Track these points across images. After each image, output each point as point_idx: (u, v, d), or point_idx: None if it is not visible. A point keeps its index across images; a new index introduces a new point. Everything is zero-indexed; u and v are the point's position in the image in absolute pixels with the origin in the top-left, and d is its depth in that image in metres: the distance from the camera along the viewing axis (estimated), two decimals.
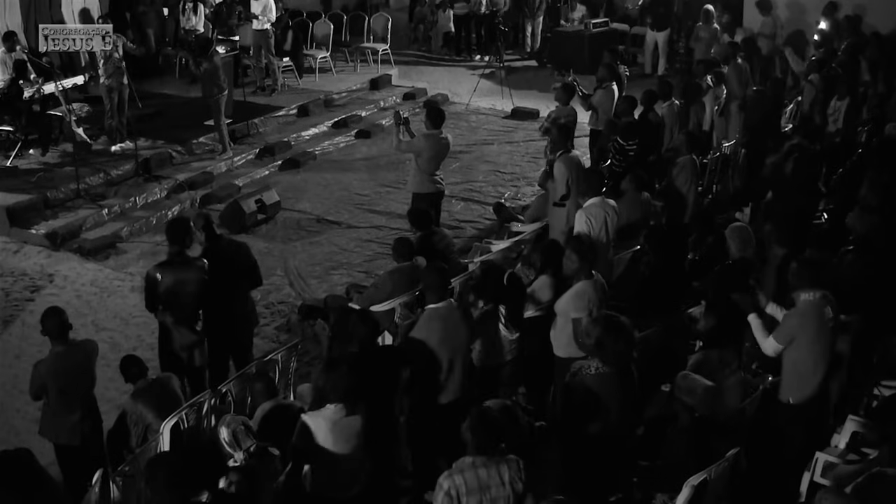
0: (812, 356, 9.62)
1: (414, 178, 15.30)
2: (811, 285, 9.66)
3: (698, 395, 8.88)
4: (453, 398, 9.71)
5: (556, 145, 14.74)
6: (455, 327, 9.77)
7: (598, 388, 8.72)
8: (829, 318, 9.63)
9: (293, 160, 21.14)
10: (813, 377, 9.68)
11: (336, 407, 8.43)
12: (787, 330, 9.69)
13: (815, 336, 9.57)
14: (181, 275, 11.19)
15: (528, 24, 29.86)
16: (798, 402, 9.76)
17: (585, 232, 12.20)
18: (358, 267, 16.31)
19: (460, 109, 25.07)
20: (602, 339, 8.77)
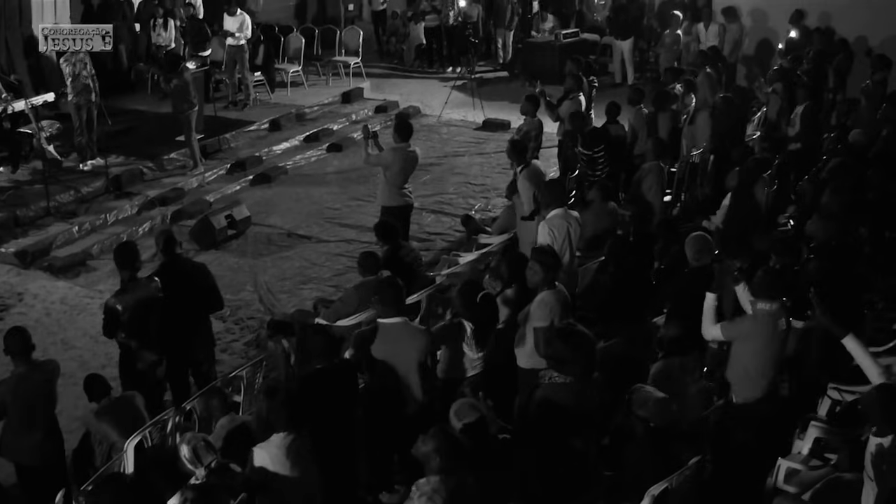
0: (761, 361, 9.75)
1: (383, 191, 15.31)
2: (770, 296, 9.74)
3: (650, 407, 8.89)
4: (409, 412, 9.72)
5: (515, 160, 14.80)
6: (408, 343, 9.79)
7: (559, 399, 8.76)
8: (782, 330, 9.74)
9: (264, 175, 21.15)
10: (761, 379, 9.80)
11: (283, 434, 8.44)
12: (735, 331, 9.85)
13: (766, 344, 9.70)
14: (139, 297, 11.20)
15: (500, 36, 29.90)
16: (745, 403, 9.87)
17: (549, 243, 12.25)
18: (328, 281, 16.32)
19: (432, 122, 25.15)
20: (562, 349, 8.81)
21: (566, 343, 8.79)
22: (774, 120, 19.09)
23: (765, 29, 24.62)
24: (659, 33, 27.31)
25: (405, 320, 9.92)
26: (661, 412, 8.89)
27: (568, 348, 8.75)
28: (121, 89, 24.83)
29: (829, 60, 21.00)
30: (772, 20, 24.45)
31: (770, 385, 9.85)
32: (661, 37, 25.71)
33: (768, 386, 9.83)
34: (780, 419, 10.16)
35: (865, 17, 22.75)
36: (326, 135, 23.64)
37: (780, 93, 19.14)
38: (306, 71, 26.74)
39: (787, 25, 23.60)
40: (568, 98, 18.34)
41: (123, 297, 11.17)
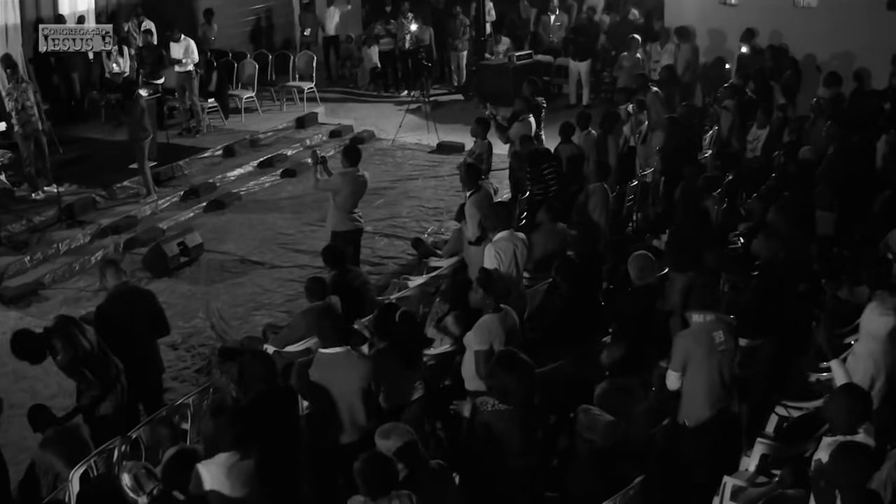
0: (702, 378, 9.78)
1: (332, 216, 15.32)
2: (704, 307, 9.81)
3: (598, 430, 8.94)
4: (352, 439, 9.70)
5: (467, 185, 14.83)
6: (350, 372, 9.76)
7: (496, 424, 8.77)
8: (719, 342, 9.76)
9: (218, 201, 21.11)
10: (705, 400, 9.84)
11: (229, 453, 8.41)
12: (678, 354, 9.87)
13: (704, 358, 9.72)
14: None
15: (454, 59, 29.97)
16: (694, 425, 9.90)
17: (495, 266, 12.29)
18: (280, 307, 16.29)
19: (387, 145, 25.18)
20: (496, 375, 8.83)
21: (509, 373, 8.78)
22: (726, 137, 19.20)
23: (720, 48, 24.74)
24: (613, 55, 27.46)
25: (347, 349, 9.88)
26: (607, 434, 8.93)
27: (511, 378, 8.75)
28: (74, 117, 24.76)
29: (777, 78, 21.11)
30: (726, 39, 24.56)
31: (717, 403, 9.87)
32: (619, 59, 25.75)
33: (716, 403, 9.86)
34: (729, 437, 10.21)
35: (815, 35, 22.90)
36: (280, 160, 23.59)
37: (731, 110, 19.24)
38: (260, 96, 26.74)
39: (740, 44, 23.72)
40: (518, 120, 18.39)
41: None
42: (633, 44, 25.11)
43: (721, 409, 9.90)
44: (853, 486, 7.24)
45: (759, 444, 9.93)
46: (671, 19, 25.74)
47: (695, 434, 9.93)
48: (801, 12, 23.67)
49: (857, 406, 8.08)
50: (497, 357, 9.18)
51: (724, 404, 9.92)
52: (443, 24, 30.34)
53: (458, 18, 29.35)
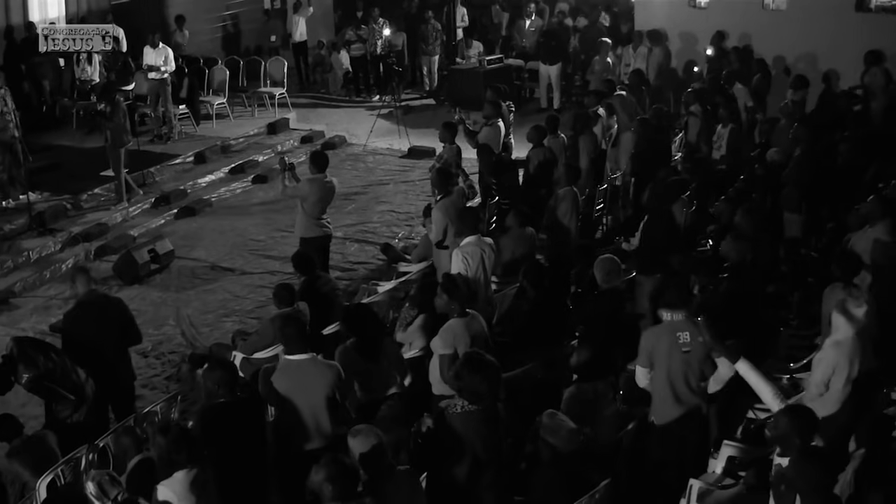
0: (664, 376, 9.82)
1: (300, 222, 15.33)
2: (674, 306, 9.86)
3: (562, 436, 8.97)
4: (318, 446, 9.69)
5: (438, 189, 14.88)
6: (315, 380, 9.75)
7: (461, 427, 8.76)
8: (683, 342, 9.78)
9: (189, 208, 21.10)
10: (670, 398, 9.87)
11: (185, 470, 8.36)
12: (643, 350, 9.94)
13: (666, 356, 9.77)
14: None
15: (425, 63, 30.00)
16: (661, 424, 9.96)
17: (462, 271, 12.33)
18: (250, 313, 16.31)
19: (358, 150, 25.15)
20: (463, 377, 8.84)
21: (478, 374, 8.79)
22: (695, 141, 19.24)
23: (691, 51, 24.83)
24: (583, 59, 27.52)
25: (312, 356, 9.85)
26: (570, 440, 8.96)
27: (480, 379, 8.76)
28: (45, 125, 24.62)
29: (746, 80, 21.18)
30: (696, 42, 24.64)
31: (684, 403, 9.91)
32: (591, 63, 25.79)
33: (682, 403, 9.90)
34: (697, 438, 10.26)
35: (784, 37, 23.01)
36: (252, 166, 23.55)
37: (698, 114, 19.30)
38: (232, 103, 26.69)
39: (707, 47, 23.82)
40: (487, 125, 18.42)
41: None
42: (604, 47, 25.18)
43: (689, 409, 9.94)
44: (814, 492, 7.28)
45: (726, 447, 9.95)
46: (641, 23, 25.79)
47: (661, 432, 9.98)
48: (771, 15, 23.78)
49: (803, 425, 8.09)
50: (464, 359, 9.17)
51: (693, 405, 9.95)
52: (415, 29, 30.39)
53: (430, 23, 29.39)
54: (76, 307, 11.92)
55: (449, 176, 15.41)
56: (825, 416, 9.87)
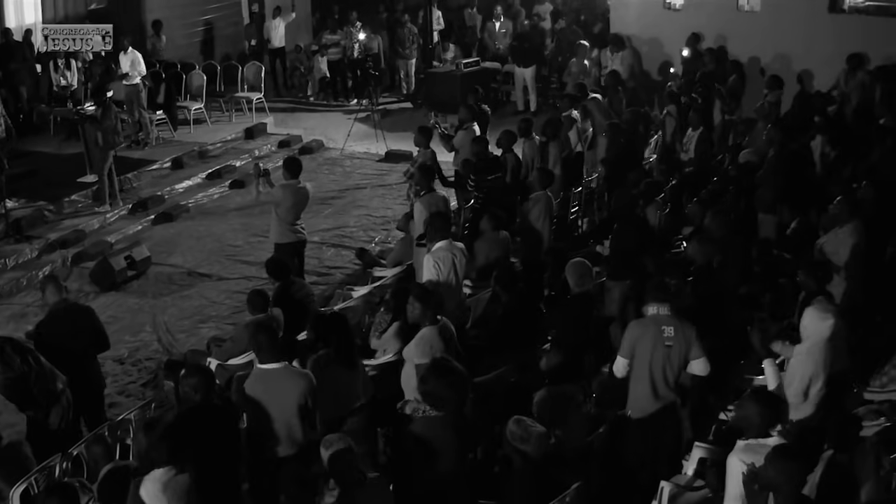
0: (646, 369, 9.92)
1: (274, 228, 15.40)
2: (659, 299, 9.96)
3: (531, 442, 9.02)
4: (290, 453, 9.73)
5: (421, 186, 14.96)
6: (287, 387, 9.76)
7: (426, 432, 8.81)
8: (668, 336, 9.88)
9: (166, 214, 21.09)
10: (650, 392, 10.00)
11: (164, 469, 8.40)
12: (627, 341, 10.04)
13: (650, 349, 9.90)
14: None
15: (402, 67, 30.04)
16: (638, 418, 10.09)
17: (434, 276, 12.38)
18: (226, 319, 16.32)
19: (335, 155, 25.17)
20: (428, 382, 8.89)
21: (442, 379, 8.84)
22: (670, 142, 19.33)
23: (666, 53, 24.91)
24: (560, 61, 27.59)
25: (285, 365, 9.86)
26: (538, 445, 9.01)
27: (444, 384, 8.81)
28: (22, 131, 24.49)
29: (721, 81, 21.28)
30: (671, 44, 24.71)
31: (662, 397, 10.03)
32: (568, 65, 25.84)
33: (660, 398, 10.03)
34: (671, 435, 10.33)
35: (758, 38, 23.14)
36: (229, 171, 23.55)
37: (674, 115, 19.38)
38: (209, 108, 26.67)
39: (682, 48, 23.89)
40: (462, 128, 18.46)
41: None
42: (581, 50, 25.23)
43: (665, 404, 10.03)
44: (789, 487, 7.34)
45: (697, 448, 10.01)
46: (617, 25, 25.84)
47: (638, 426, 10.08)
48: (745, 16, 23.87)
49: (767, 410, 8.22)
50: (430, 364, 9.24)
51: (669, 400, 10.04)
52: (392, 33, 30.45)
53: (407, 27, 29.49)
54: (47, 316, 12.00)
55: (431, 172, 15.49)
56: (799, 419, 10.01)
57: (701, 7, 24.21)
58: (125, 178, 21.94)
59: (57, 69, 24.93)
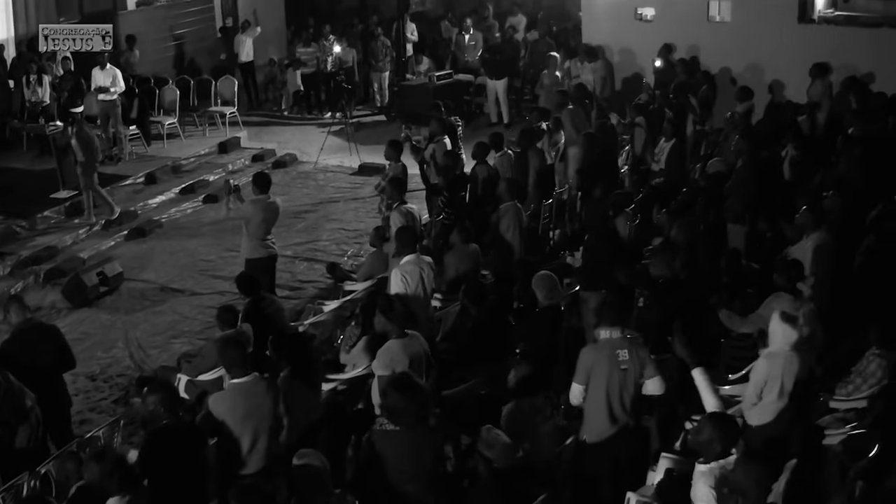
0: (602, 394, 9.89)
1: (246, 244, 15.44)
2: (611, 324, 9.95)
3: (497, 450, 9.07)
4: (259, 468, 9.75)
5: (392, 199, 15.01)
6: (259, 401, 9.79)
7: (383, 446, 8.86)
8: (622, 360, 9.87)
9: (139, 229, 21.05)
10: (606, 416, 9.95)
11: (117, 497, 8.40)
12: (581, 367, 9.97)
13: (606, 374, 9.85)
14: None
15: (376, 80, 30.06)
16: (594, 442, 10.04)
17: (402, 290, 12.43)
18: (199, 334, 16.31)
19: (309, 168, 25.19)
20: (389, 395, 8.93)
21: (400, 393, 8.88)
22: (640, 153, 19.39)
23: (638, 64, 25.00)
24: (532, 73, 27.63)
25: (254, 378, 9.90)
26: (505, 455, 9.05)
27: (401, 398, 8.84)
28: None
29: (693, 91, 21.37)
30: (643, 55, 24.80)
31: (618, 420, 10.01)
32: (540, 77, 25.89)
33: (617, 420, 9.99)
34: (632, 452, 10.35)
35: (729, 48, 23.26)
36: (202, 186, 23.53)
37: (643, 126, 19.44)
38: (183, 122, 26.63)
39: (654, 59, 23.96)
40: (433, 141, 18.50)
41: None
42: (552, 62, 25.27)
43: (623, 426, 10.03)
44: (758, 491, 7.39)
45: (664, 459, 10.04)
46: (589, 36, 25.89)
47: (596, 450, 10.06)
48: (716, 27, 24.00)
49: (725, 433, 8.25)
50: (390, 379, 9.29)
51: (626, 421, 10.05)
52: (366, 46, 30.48)
53: (380, 40, 29.51)
54: (11, 336, 12.01)
55: (402, 184, 15.57)
56: (759, 426, 10.04)
57: (672, 18, 24.28)
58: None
59: (28, 84, 24.87)
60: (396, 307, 11.11)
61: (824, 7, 23.48)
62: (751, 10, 23.30)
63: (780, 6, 22.97)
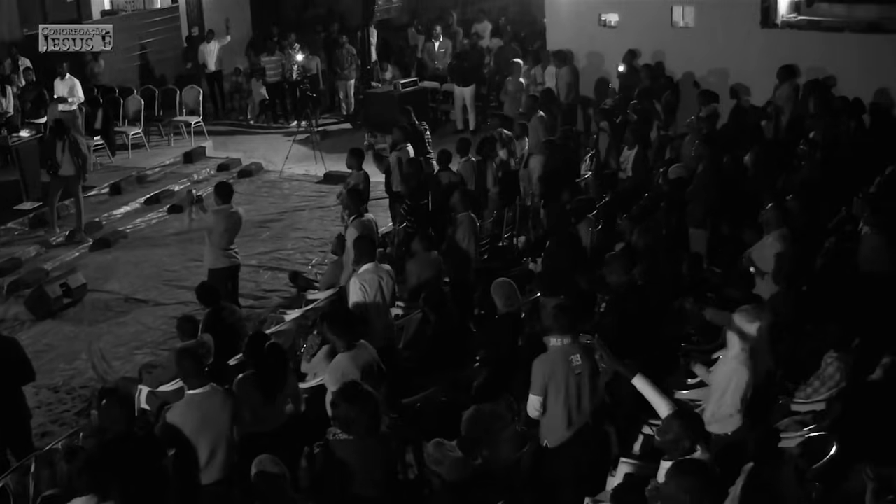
0: (560, 400, 9.90)
1: (208, 254, 15.45)
2: (561, 331, 9.96)
3: (447, 465, 9.07)
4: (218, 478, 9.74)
5: (350, 210, 15.00)
6: (216, 411, 9.80)
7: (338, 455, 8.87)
8: (576, 365, 9.90)
9: (104, 240, 20.99)
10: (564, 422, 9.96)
11: (85, 498, 8.38)
12: (537, 379, 9.96)
13: (562, 381, 9.86)
14: None
15: (342, 87, 30.08)
16: (555, 446, 10.05)
17: (360, 299, 12.42)
18: (162, 345, 16.24)
19: (274, 177, 25.16)
20: (338, 406, 8.94)
21: (350, 403, 8.88)
22: (604, 159, 19.42)
23: (602, 70, 25.05)
24: (498, 80, 27.67)
25: (211, 387, 9.90)
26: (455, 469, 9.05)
27: (352, 408, 8.85)
28: None
29: (658, 97, 21.43)
30: (608, 61, 24.86)
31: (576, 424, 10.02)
32: (504, 84, 25.92)
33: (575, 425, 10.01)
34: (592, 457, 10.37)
35: (693, 53, 23.35)
36: (167, 196, 23.46)
37: (607, 131, 19.48)
38: (148, 132, 26.57)
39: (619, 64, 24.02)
40: (396, 149, 18.49)
41: None
42: (516, 68, 25.31)
43: (580, 429, 10.05)
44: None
45: (623, 464, 10.06)
46: (553, 42, 25.92)
47: (555, 455, 10.07)
48: (680, 32, 24.06)
49: (690, 430, 8.27)
50: (339, 389, 9.29)
51: (582, 424, 10.07)
52: (330, 54, 30.48)
53: (345, 48, 29.50)
54: None
55: (360, 195, 15.55)
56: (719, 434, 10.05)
57: (636, 24, 24.34)
58: (62, 206, 21.77)
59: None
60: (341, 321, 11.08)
61: (787, 12, 23.58)
62: (714, 15, 23.35)
63: (743, 11, 23.04)
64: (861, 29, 22.34)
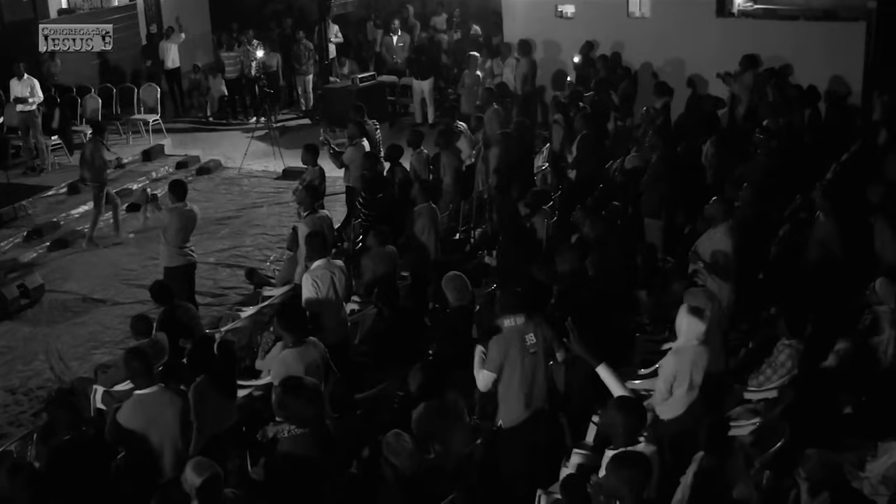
0: (516, 379, 10.05)
1: (164, 252, 15.41)
2: (513, 311, 10.02)
3: (403, 457, 9.09)
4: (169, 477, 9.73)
5: (304, 206, 15.00)
6: (162, 411, 9.81)
7: (296, 450, 8.90)
8: (531, 344, 10.05)
9: (62, 240, 20.90)
10: (520, 401, 10.12)
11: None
12: (493, 356, 10.06)
13: (517, 359, 10.01)
14: None
15: (300, 83, 30.10)
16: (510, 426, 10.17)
17: (313, 295, 12.42)
18: (120, 344, 16.09)
19: (233, 174, 25.15)
20: (287, 405, 8.96)
21: (298, 398, 8.91)
22: (559, 150, 19.45)
23: (559, 61, 25.10)
24: (455, 73, 27.69)
25: (161, 388, 9.92)
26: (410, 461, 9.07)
27: (301, 402, 8.88)
28: None
29: (614, 88, 21.48)
30: (564, 52, 24.91)
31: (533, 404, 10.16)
32: (461, 77, 25.93)
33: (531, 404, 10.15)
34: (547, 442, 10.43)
35: (649, 44, 23.44)
36: (125, 195, 23.26)
37: (561, 123, 19.50)
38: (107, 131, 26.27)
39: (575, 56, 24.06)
40: (351, 144, 18.48)
41: None
42: (472, 61, 25.29)
43: (537, 409, 10.14)
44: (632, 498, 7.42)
45: (576, 455, 10.12)
46: (509, 34, 25.99)
47: (511, 435, 10.19)
48: (636, 23, 24.22)
49: (631, 418, 8.32)
50: (282, 386, 9.32)
51: (539, 405, 10.14)
52: (289, 50, 30.45)
53: (302, 43, 29.50)
54: None
55: (315, 192, 15.53)
56: (670, 419, 10.10)
57: (592, 15, 24.49)
58: (20, 206, 21.71)
59: None
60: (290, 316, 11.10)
61: (743, 1, 23.67)
62: (670, 5, 23.53)
63: (698, 1, 23.14)
64: (817, 17, 22.48)
